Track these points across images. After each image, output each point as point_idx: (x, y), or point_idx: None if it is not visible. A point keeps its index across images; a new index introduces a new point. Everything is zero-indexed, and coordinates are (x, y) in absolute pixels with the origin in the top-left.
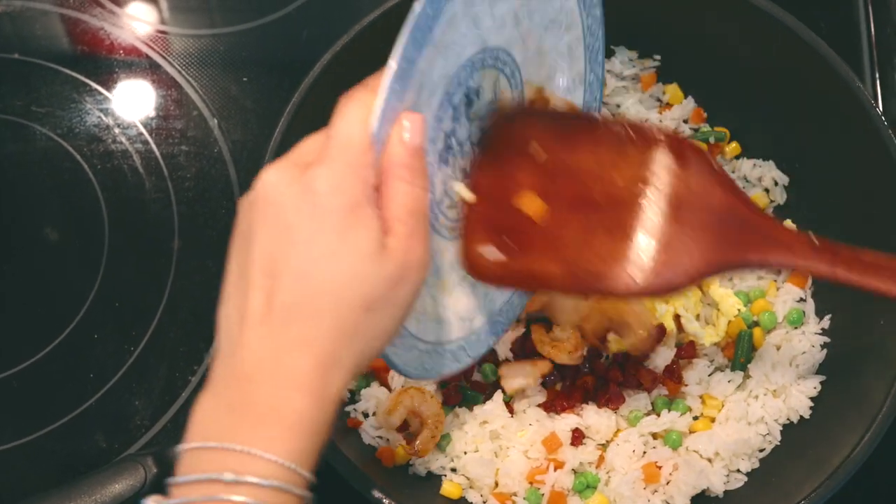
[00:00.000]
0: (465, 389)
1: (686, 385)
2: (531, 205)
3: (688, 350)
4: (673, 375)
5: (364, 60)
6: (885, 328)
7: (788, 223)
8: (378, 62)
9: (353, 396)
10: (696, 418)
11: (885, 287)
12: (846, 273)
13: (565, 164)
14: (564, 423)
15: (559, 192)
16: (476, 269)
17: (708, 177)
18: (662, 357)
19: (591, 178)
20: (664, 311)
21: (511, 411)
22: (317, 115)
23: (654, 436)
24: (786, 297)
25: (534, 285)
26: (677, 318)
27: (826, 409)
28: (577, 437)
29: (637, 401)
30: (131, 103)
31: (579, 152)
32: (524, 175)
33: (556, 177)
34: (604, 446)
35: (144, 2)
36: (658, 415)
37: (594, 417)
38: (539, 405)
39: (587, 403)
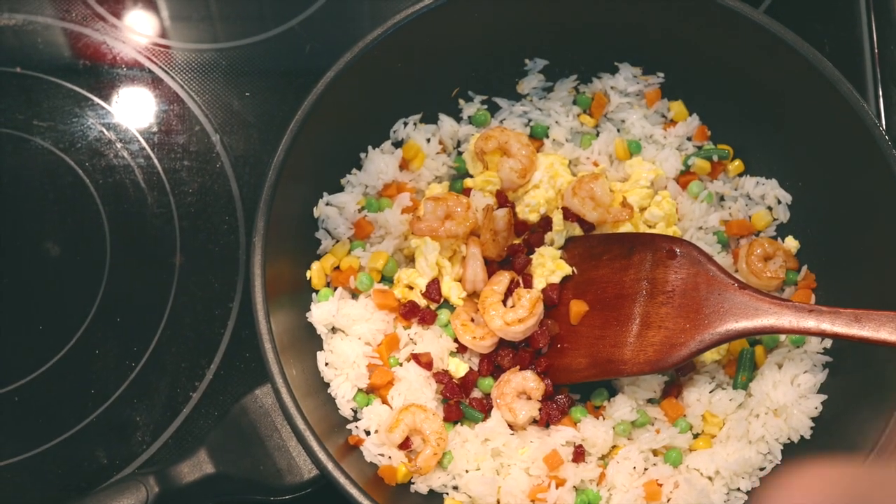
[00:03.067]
0: (467, 407)
1: (686, 406)
2: (577, 308)
3: (685, 365)
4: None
5: (367, 77)
6: (887, 349)
7: (790, 240)
8: (380, 79)
9: (355, 414)
10: (696, 436)
11: (867, 335)
12: (831, 328)
13: (590, 276)
14: (562, 436)
15: (588, 300)
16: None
17: (695, 265)
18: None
19: (607, 283)
20: None
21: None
22: (320, 131)
23: (655, 453)
24: None
25: (567, 377)
26: None
27: (827, 429)
28: (579, 453)
29: (622, 408)
30: (133, 117)
31: (600, 266)
32: (567, 292)
33: (584, 287)
34: (605, 463)
35: (147, 15)
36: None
37: (591, 430)
38: (535, 421)
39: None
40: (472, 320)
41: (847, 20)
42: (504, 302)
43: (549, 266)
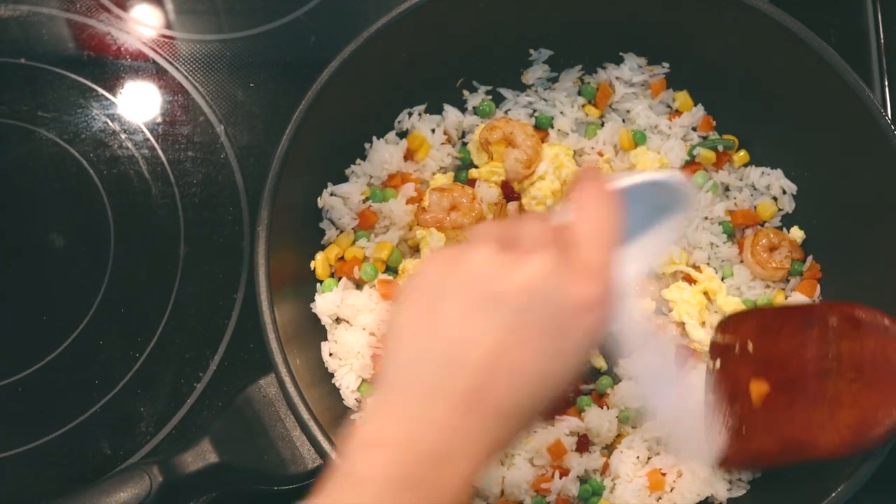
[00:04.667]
0: None
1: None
2: (758, 389)
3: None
4: None
5: (372, 67)
6: None
7: (796, 230)
8: (385, 69)
9: (360, 405)
10: None
11: None
12: None
13: (769, 353)
14: (566, 426)
15: (768, 378)
16: (725, 461)
17: (882, 333)
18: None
19: (788, 360)
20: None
21: None
22: (324, 122)
23: (658, 442)
24: None
25: (760, 463)
26: (682, 325)
27: None
28: (583, 443)
29: (625, 395)
30: (138, 108)
31: (778, 341)
32: (743, 370)
33: (765, 366)
34: (608, 453)
35: (151, 6)
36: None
37: (595, 420)
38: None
39: None
40: None
41: (853, 10)
42: None
43: None
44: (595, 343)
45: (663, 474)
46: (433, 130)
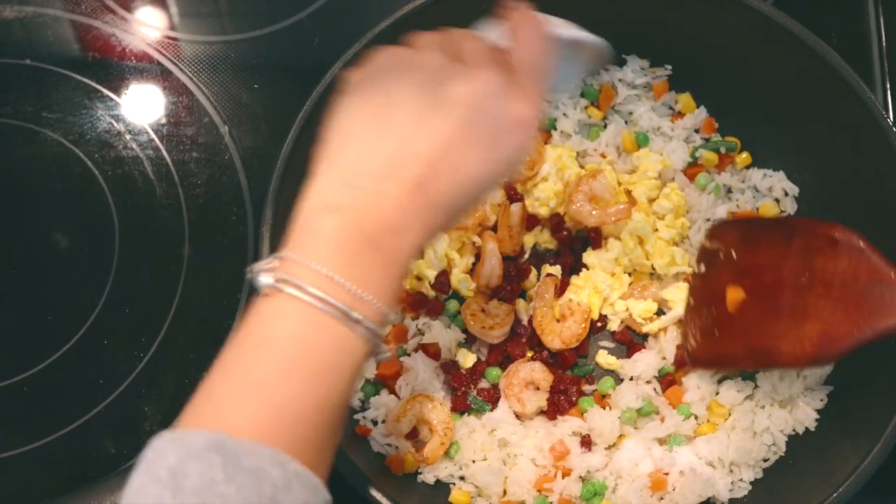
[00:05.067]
0: (474, 397)
1: (686, 391)
2: (734, 295)
3: (681, 359)
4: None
5: None
6: (895, 342)
7: None
8: None
9: (363, 405)
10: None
11: None
12: None
13: (749, 262)
14: (568, 426)
15: (745, 286)
16: (694, 359)
17: (856, 255)
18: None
19: (765, 270)
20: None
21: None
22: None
23: (660, 442)
24: None
25: (726, 365)
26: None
27: (833, 422)
28: (586, 443)
29: (627, 396)
30: (142, 109)
31: (759, 252)
32: (723, 276)
33: (743, 274)
34: (610, 453)
35: (156, 8)
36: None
37: (598, 420)
38: (542, 412)
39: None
40: (483, 311)
41: (854, 12)
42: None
43: (602, 291)
44: (521, 157)
45: (665, 474)
46: None
